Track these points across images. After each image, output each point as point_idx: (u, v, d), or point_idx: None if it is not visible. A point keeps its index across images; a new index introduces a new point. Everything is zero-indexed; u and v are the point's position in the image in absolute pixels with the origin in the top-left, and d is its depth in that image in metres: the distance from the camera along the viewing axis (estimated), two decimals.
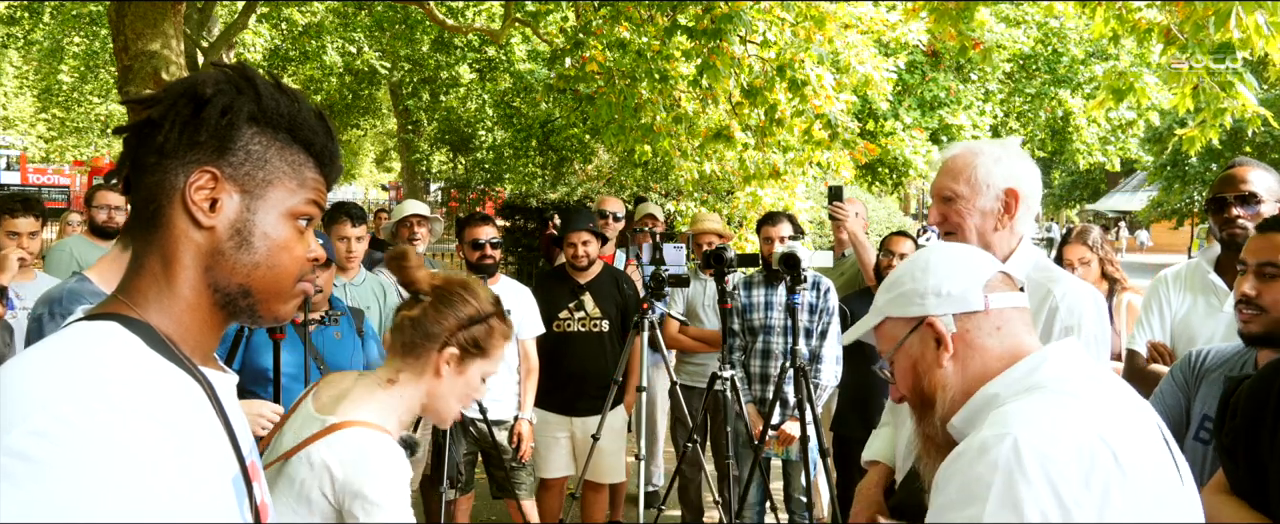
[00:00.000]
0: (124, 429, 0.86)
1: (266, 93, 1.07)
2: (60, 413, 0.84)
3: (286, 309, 1.13)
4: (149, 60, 5.75)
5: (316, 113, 1.12)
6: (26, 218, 3.92)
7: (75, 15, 15.85)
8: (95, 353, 0.93)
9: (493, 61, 16.61)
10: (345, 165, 14.22)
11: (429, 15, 11.52)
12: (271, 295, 1.09)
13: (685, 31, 6.72)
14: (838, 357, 4.31)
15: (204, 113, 1.03)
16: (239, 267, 1.05)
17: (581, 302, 4.47)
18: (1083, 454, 1.14)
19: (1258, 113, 4.98)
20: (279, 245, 1.08)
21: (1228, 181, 2.81)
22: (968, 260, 1.43)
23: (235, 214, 1.05)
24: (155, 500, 0.86)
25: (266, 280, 1.07)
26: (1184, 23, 4.66)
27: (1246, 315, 1.98)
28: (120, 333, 0.97)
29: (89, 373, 0.89)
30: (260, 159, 1.06)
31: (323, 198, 1.14)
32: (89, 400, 0.86)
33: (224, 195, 1.04)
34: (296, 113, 1.09)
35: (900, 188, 18.16)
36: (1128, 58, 10.03)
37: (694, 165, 8.60)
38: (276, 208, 1.07)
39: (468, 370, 1.86)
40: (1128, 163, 18.41)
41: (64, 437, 0.83)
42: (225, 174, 1.04)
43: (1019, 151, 2.07)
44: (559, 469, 4.48)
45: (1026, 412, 1.22)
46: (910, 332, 1.41)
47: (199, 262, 1.04)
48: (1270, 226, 2.01)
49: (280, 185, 1.08)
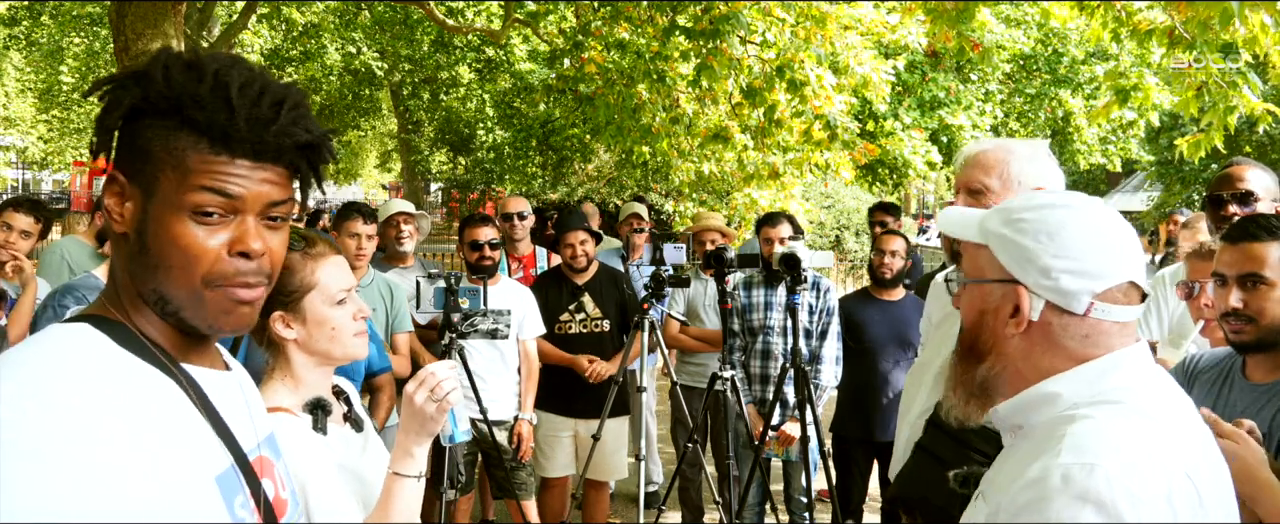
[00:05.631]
0: (67, 425, 0.86)
1: (157, 78, 0.97)
2: (6, 410, 0.85)
3: (220, 319, 1.01)
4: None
5: (218, 82, 0.97)
6: (25, 217, 3.93)
7: (75, 15, 15.85)
8: (54, 353, 0.94)
9: (493, 62, 16.60)
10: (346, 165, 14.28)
11: (429, 15, 11.52)
12: (186, 299, 0.99)
13: (683, 32, 6.73)
14: (838, 357, 4.31)
15: (100, 118, 1.00)
16: (145, 271, 1.00)
17: (581, 303, 4.47)
18: (1172, 493, 1.08)
19: (1267, 110, 4.98)
20: (168, 241, 0.98)
21: (1225, 180, 2.84)
22: (1100, 255, 1.22)
23: (135, 217, 0.99)
24: (96, 494, 0.85)
25: (169, 282, 0.99)
26: (1188, 22, 4.66)
27: (1236, 326, 1.98)
28: (89, 333, 0.98)
29: (42, 371, 0.91)
30: (144, 153, 0.98)
31: (220, 181, 0.97)
32: (36, 397, 0.87)
33: (130, 199, 0.99)
34: (188, 91, 0.96)
35: (900, 188, 18.15)
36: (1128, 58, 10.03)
37: (692, 166, 8.60)
38: (166, 202, 0.97)
39: (310, 313, 1.77)
40: (1128, 163, 18.39)
41: (6, 432, 0.84)
42: (127, 176, 1.00)
43: (1048, 153, 2.10)
44: (561, 468, 4.48)
45: (1109, 436, 1.12)
46: (998, 280, 1.25)
47: (127, 269, 1.02)
48: (1238, 236, 2.00)
49: (165, 177, 0.97)
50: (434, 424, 1.61)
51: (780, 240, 4.25)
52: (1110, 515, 1.05)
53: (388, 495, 1.62)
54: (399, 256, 4.62)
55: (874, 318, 4.44)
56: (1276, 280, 1.93)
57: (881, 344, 4.39)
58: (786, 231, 4.32)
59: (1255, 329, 1.95)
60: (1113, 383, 1.20)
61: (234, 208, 0.99)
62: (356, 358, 1.87)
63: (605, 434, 4.22)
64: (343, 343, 1.82)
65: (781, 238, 4.27)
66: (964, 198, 2.07)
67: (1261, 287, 1.94)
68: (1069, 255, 1.21)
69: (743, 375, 4.32)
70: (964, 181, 2.09)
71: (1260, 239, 1.95)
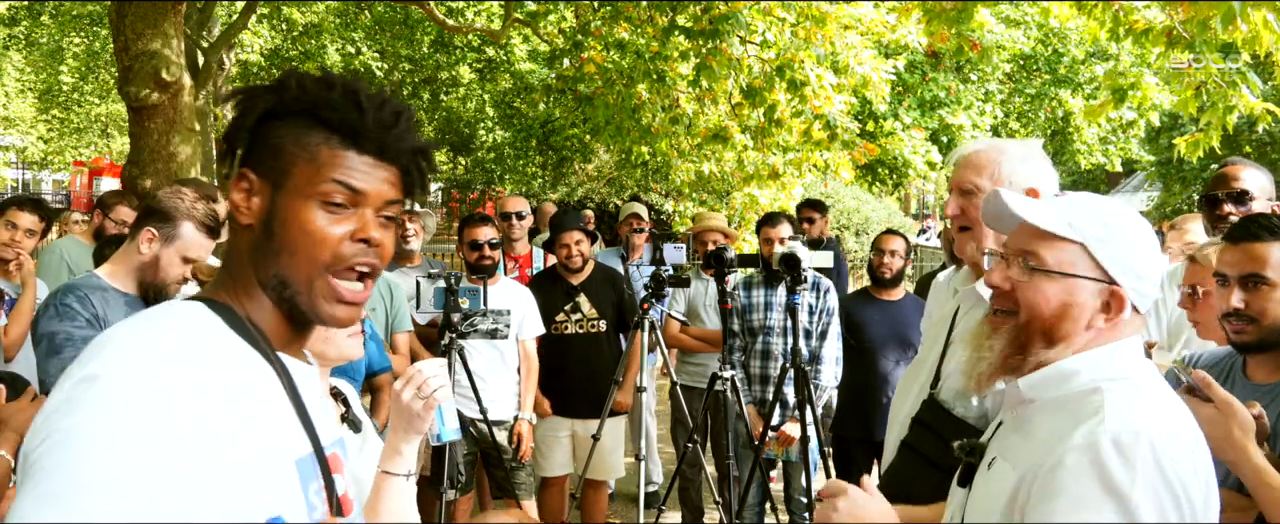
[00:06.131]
0: (152, 384, 0.95)
1: (291, 86, 1.09)
2: (106, 364, 0.96)
3: (329, 309, 1.10)
4: (149, 60, 5.75)
5: (347, 90, 1.09)
6: (29, 215, 3.93)
7: (75, 15, 15.84)
8: (164, 322, 1.05)
9: (493, 62, 16.57)
10: None
11: (429, 15, 11.52)
12: (303, 285, 1.09)
13: (683, 32, 6.72)
14: (838, 357, 4.31)
15: (236, 119, 1.12)
16: (269, 256, 1.09)
17: (577, 303, 4.46)
18: (1196, 455, 1.26)
19: (1267, 109, 4.97)
20: (297, 227, 1.08)
21: (1221, 180, 2.85)
22: (1154, 260, 1.38)
23: (264, 208, 1.10)
24: (167, 451, 0.92)
25: (292, 266, 1.08)
26: (1187, 22, 4.65)
27: (1237, 326, 1.98)
28: (200, 311, 1.08)
29: (149, 336, 1.01)
30: (276, 150, 1.09)
31: (350, 174, 1.09)
32: (134, 358, 0.97)
33: (258, 194, 1.10)
34: (321, 96, 1.08)
35: (900, 188, 18.16)
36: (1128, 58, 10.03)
37: (692, 166, 8.60)
38: (296, 192, 1.08)
39: None
40: (1128, 163, 18.39)
41: (101, 384, 0.94)
42: (256, 172, 1.10)
43: (1041, 154, 2.09)
44: (560, 468, 4.48)
45: (1145, 405, 1.28)
46: (1092, 277, 1.35)
47: (248, 258, 1.11)
48: (1240, 236, 2.00)
49: (298, 170, 1.08)
50: (421, 422, 1.61)
51: (780, 240, 4.25)
52: (1156, 474, 1.21)
53: (377, 494, 1.61)
54: (405, 256, 4.62)
55: (874, 318, 4.44)
56: (1278, 281, 1.93)
57: (881, 344, 4.38)
58: (786, 232, 4.32)
59: (1257, 329, 1.96)
60: (1122, 363, 1.35)
61: (357, 201, 1.09)
62: (351, 358, 1.87)
63: (604, 434, 4.22)
64: (337, 343, 1.82)
65: (781, 238, 4.27)
66: (956, 198, 2.07)
67: (1263, 287, 1.94)
68: (1147, 261, 1.37)
69: (743, 375, 4.32)
70: (956, 182, 2.08)
71: (1262, 239, 1.96)
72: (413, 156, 1.14)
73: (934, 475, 1.87)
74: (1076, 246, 1.36)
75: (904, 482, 1.98)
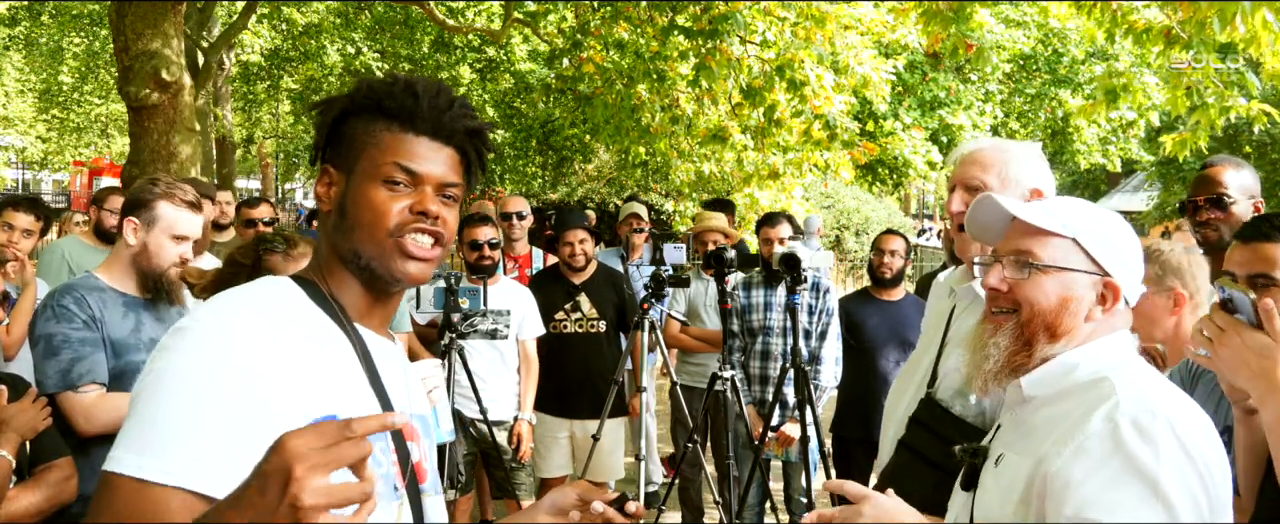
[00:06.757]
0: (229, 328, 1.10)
1: (361, 88, 1.24)
2: (196, 317, 1.12)
3: (402, 266, 1.21)
4: (149, 60, 5.75)
5: (407, 83, 1.22)
6: (26, 216, 3.93)
7: (75, 15, 15.84)
8: (251, 291, 1.20)
9: (493, 62, 16.57)
10: None
11: (429, 15, 11.52)
12: (375, 252, 1.20)
13: (683, 32, 6.72)
14: (837, 358, 4.31)
15: (319, 119, 1.27)
16: (344, 233, 1.22)
17: (577, 302, 4.47)
18: (1208, 430, 1.30)
19: (1263, 110, 4.97)
20: (364, 204, 1.20)
21: (1201, 183, 2.80)
22: (1139, 256, 1.46)
23: (340, 194, 1.23)
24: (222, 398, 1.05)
25: (363, 238, 1.20)
26: (1186, 22, 4.65)
27: None
28: (286, 285, 1.22)
29: (234, 302, 1.16)
30: (350, 140, 1.23)
31: (408, 156, 1.20)
32: (216, 318, 1.12)
33: (336, 183, 1.24)
34: (383, 90, 1.22)
35: (900, 188, 18.16)
36: (1128, 58, 10.03)
37: (692, 166, 8.59)
38: (364, 175, 1.21)
39: None
40: (1128, 163, 18.38)
41: (184, 336, 1.10)
42: (333, 165, 1.24)
43: (1041, 155, 2.12)
44: (559, 468, 4.48)
45: (1154, 387, 1.33)
46: (1087, 272, 1.40)
47: (330, 239, 1.25)
48: (1251, 235, 1.99)
49: (366, 156, 1.21)
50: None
51: (780, 240, 4.25)
52: (1179, 450, 1.24)
53: None
54: None
55: (874, 318, 4.45)
56: None
57: (881, 344, 4.39)
58: (786, 232, 4.32)
59: None
60: (1118, 354, 1.40)
61: (416, 182, 1.21)
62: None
63: (603, 434, 4.22)
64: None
65: (781, 238, 4.27)
66: (961, 194, 2.07)
67: (1272, 287, 1.93)
68: (1133, 254, 1.43)
69: (742, 376, 4.32)
70: (961, 179, 2.09)
71: (1273, 239, 1.94)
72: (468, 137, 1.25)
73: (932, 475, 1.87)
74: (1068, 241, 1.41)
75: (901, 481, 1.98)
